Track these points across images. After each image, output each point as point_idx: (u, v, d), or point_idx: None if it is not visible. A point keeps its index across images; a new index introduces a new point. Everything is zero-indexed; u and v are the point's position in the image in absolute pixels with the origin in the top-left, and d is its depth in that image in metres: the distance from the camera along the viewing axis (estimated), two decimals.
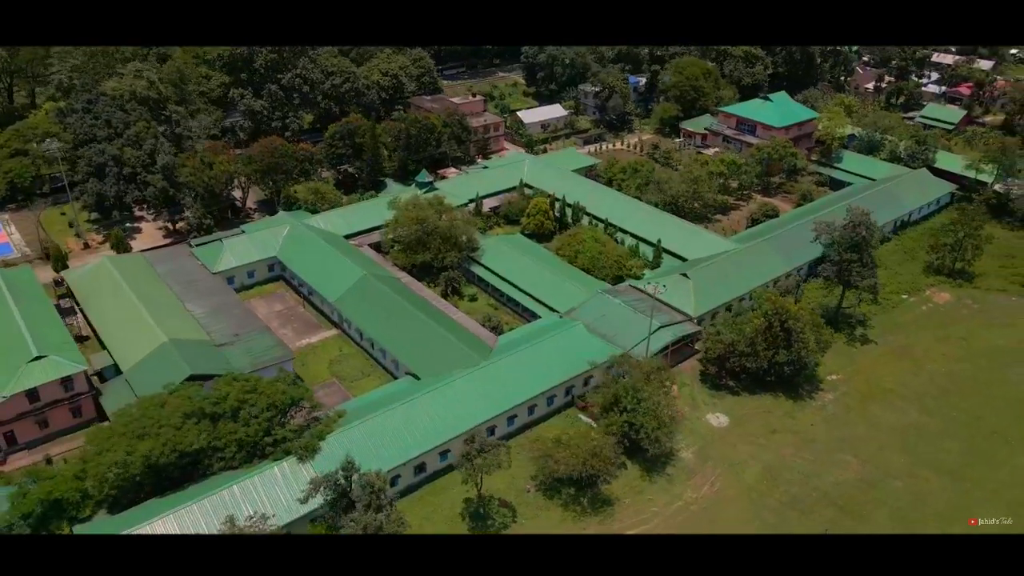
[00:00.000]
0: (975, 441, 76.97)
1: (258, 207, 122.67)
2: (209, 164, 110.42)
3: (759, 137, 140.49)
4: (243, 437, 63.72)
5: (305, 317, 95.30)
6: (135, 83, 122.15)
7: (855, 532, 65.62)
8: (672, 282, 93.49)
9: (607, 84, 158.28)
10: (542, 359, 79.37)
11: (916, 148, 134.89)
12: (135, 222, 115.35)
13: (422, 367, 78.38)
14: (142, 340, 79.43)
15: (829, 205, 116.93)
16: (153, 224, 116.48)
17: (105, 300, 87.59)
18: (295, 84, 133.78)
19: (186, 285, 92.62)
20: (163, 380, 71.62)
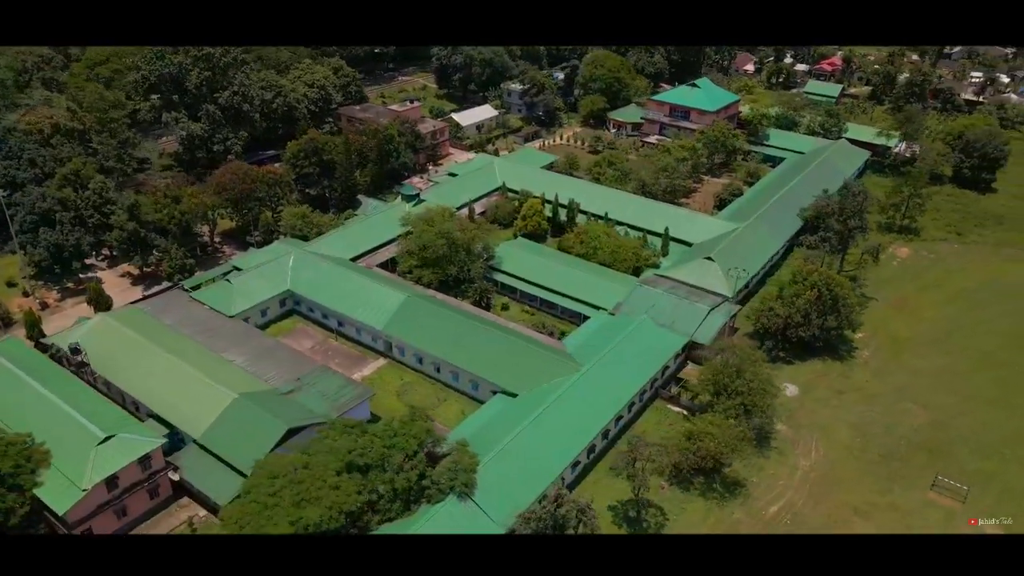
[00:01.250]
0: (998, 372, 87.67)
1: (222, 240, 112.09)
2: (175, 198, 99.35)
3: (694, 122, 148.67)
4: (400, 485, 59.21)
5: (343, 350, 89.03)
6: (56, 114, 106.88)
7: (948, 471, 72.73)
8: (699, 266, 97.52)
9: (537, 81, 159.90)
10: (628, 357, 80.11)
11: (829, 122, 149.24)
12: (85, 271, 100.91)
13: (514, 383, 76.36)
14: (203, 400, 70.73)
15: (783, 180, 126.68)
16: (112, 272, 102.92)
17: (127, 362, 76.71)
18: (234, 102, 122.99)
19: (209, 334, 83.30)
20: (253, 440, 65.41)
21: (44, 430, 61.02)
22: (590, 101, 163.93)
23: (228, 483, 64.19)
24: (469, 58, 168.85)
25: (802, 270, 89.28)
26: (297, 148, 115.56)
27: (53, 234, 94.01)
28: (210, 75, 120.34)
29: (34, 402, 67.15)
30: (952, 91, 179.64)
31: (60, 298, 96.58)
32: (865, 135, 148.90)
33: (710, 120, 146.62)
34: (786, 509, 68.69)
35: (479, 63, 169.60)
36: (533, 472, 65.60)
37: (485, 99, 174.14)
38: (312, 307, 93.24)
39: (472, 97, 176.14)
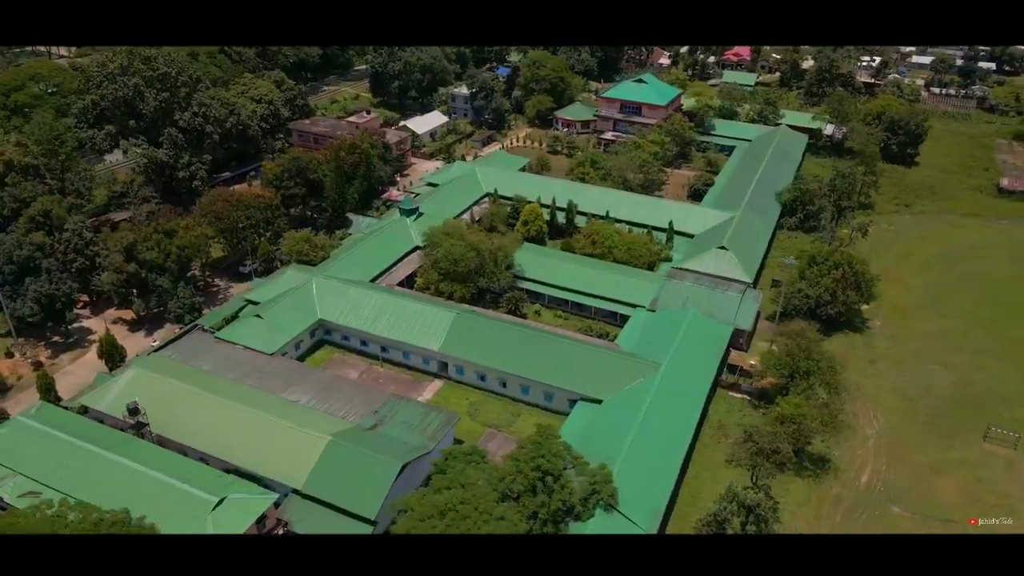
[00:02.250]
0: (989, 328, 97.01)
1: (211, 272, 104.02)
2: (167, 233, 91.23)
3: (646, 117, 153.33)
4: (555, 507, 57.94)
5: (392, 376, 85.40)
6: (4, 149, 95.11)
7: (984, 422, 79.98)
8: (715, 256, 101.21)
9: (486, 85, 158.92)
10: (691, 351, 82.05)
11: (768, 109, 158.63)
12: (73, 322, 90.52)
13: (596, 389, 76.42)
14: (293, 447, 66.05)
15: (745, 167, 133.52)
16: (99, 320, 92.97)
17: (186, 415, 69.93)
18: (195, 124, 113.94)
19: (258, 375, 77.53)
20: (366, 482, 62.77)
21: (140, 502, 54.80)
22: (537, 101, 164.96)
23: (350, 531, 60.43)
24: (408, 64, 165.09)
25: (821, 251, 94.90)
26: (279, 168, 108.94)
27: (41, 284, 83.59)
28: (168, 95, 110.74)
29: (115, 472, 60.11)
30: (851, 75, 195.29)
31: (52, 355, 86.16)
32: (801, 121, 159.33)
33: (661, 114, 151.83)
34: (874, 477, 73.15)
35: (419, 69, 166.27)
36: (655, 473, 66.20)
37: (424, 106, 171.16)
38: (347, 335, 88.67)
39: (411, 105, 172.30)
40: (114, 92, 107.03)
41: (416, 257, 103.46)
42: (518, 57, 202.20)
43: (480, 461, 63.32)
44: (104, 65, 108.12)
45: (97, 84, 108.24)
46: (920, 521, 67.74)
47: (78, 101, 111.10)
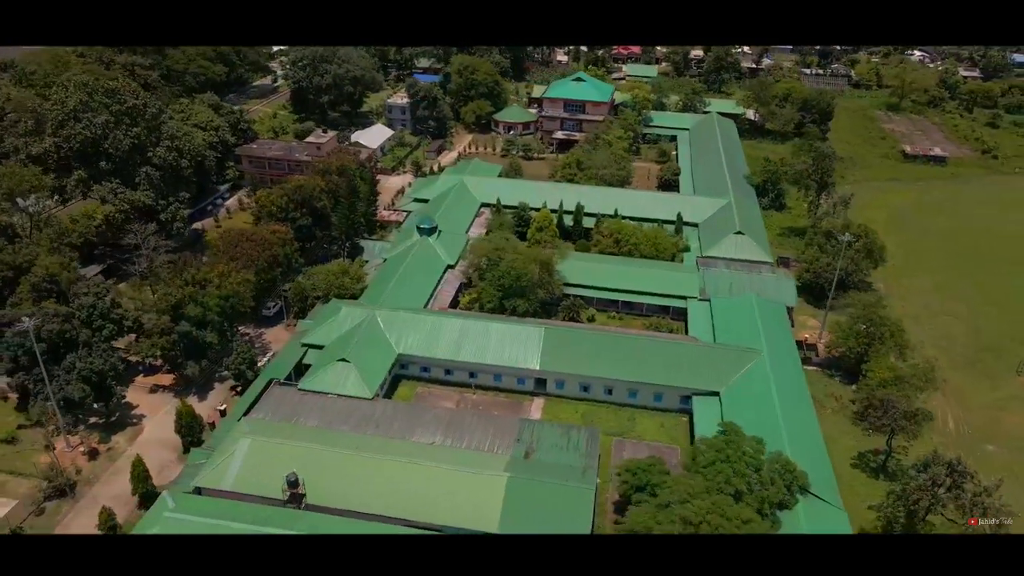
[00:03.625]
0: (972, 279, 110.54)
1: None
2: (200, 284, 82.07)
3: (590, 114, 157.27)
4: (772, 500, 59.73)
5: (492, 401, 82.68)
6: None
7: (1007, 362, 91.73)
8: (734, 241, 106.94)
9: (429, 93, 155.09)
10: (772, 334, 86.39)
11: (695, 99, 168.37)
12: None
13: (710, 383, 78.88)
14: (471, 491, 62.81)
15: (701, 154, 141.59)
16: (138, 390, 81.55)
17: (333, 478, 63.70)
18: (170, 159, 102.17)
19: (376, 423, 72.34)
20: (567, 515, 60.95)
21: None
22: (476, 106, 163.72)
23: None
24: (338, 77, 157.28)
25: (835, 224, 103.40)
26: (282, 199, 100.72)
27: (90, 359, 72.06)
28: (139, 131, 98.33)
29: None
30: (738, 61, 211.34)
31: (101, 438, 74.64)
32: (725, 107, 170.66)
33: (604, 110, 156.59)
34: (959, 422, 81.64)
35: (349, 81, 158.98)
36: (808, 452, 69.58)
37: (354, 120, 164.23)
38: (427, 366, 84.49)
39: (339, 120, 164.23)
40: (81, 132, 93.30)
41: (453, 276, 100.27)
42: (428, 62, 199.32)
43: (664, 471, 63.87)
44: (62, 103, 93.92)
45: (58, 124, 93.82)
46: (1015, 455, 76.68)
47: (35, 144, 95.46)
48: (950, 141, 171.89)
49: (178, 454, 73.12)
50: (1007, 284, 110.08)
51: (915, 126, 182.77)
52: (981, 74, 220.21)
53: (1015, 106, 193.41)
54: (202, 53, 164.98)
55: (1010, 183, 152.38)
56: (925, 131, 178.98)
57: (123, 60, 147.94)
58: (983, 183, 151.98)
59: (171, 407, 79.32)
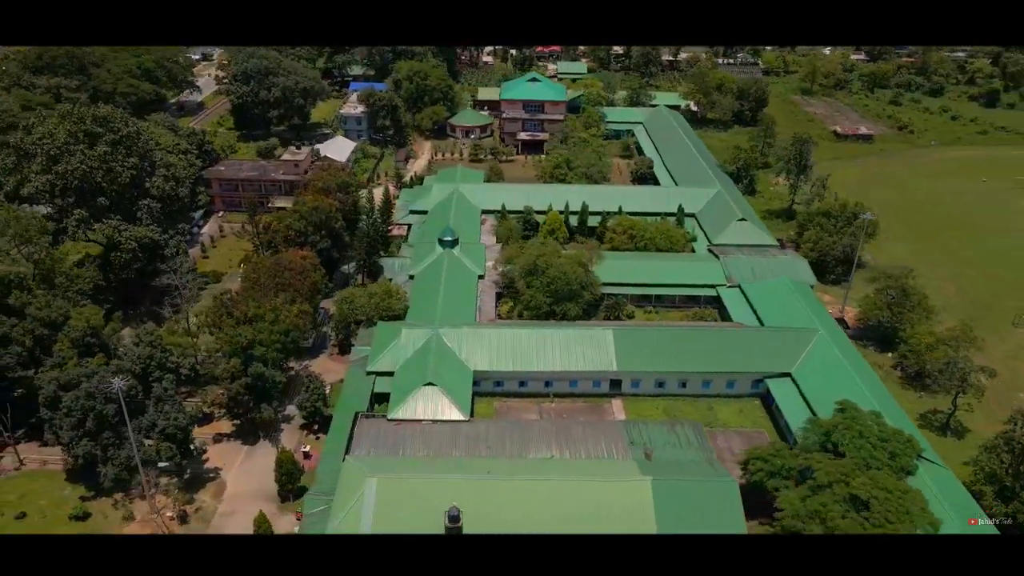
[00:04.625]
0: (949, 246, 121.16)
1: None
2: (253, 319, 76.75)
3: (548, 113, 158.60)
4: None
5: (571, 407, 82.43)
6: None
7: (997, 317, 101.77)
8: (738, 228, 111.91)
9: (388, 102, 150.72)
10: (813, 312, 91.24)
11: (641, 93, 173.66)
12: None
13: (781, 364, 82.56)
14: (619, 501, 62.67)
15: (668, 146, 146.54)
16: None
17: (476, 510, 61.52)
18: (168, 188, 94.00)
19: (484, 444, 70.77)
20: (714, 512, 62.87)
21: None
22: (432, 112, 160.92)
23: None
24: (287, 90, 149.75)
25: (831, 205, 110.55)
26: (302, 222, 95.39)
27: (171, 415, 65.48)
28: (136, 160, 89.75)
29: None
30: (659, 56, 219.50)
31: (189, 498, 68.06)
32: (669, 99, 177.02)
33: (563, 109, 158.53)
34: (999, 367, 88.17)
35: (299, 93, 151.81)
36: (895, 418, 74.24)
37: (298, 133, 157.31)
38: (500, 380, 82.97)
39: (285, 133, 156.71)
40: (79, 166, 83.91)
41: (486, 287, 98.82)
42: (361, 70, 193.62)
43: (788, 455, 66.37)
44: (51, 136, 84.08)
45: (51, 159, 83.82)
46: None
47: (30, 181, 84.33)
48: (866, 120, 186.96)
49: (277, 504, 68.09)
50: (972, 247, 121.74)
51: (832, 108, 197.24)
52: (867, 57, 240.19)
53: (905, 84, 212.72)
54: (128, 71, 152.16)
55: (930, 155, 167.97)
56: (842, 112, 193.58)
57: (46, 83, 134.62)
58: (908, 156, 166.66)
59: (246, 455, 74.01)
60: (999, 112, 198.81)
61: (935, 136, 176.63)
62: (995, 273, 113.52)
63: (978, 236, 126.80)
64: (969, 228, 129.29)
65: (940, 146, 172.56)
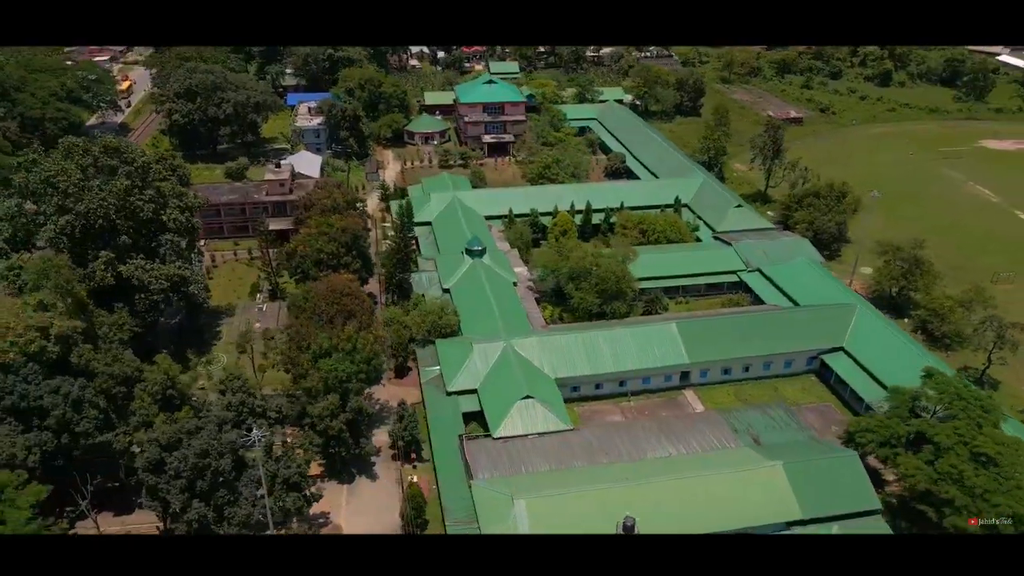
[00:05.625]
0: (913, 214, 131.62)
1: None
2: (323, 353, 72.71)
3: (509, 115, 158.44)
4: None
5: (650, 403, 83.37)
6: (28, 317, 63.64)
7: (972, 276, 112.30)
8: (737, 214, 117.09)
9: (356, 111, 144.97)
10: (841, 289, 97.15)
11: (590, 90, 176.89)
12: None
13: (831, 339, 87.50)
14: (759, 488, 64.66)
15: (634, 140, 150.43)
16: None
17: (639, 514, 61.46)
18: (185, 220, 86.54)
19: (601, 451, 70.52)
20: (847, 486, 66.77)
21: None
22: (390, 119, 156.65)
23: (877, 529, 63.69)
24: (239, 105, 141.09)
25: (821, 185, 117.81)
26: (334, 244, 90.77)
27: (288, 463, 60.75)
28: (154, 193, 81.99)
29: None
30: (580, 51, 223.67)
31: None
32: (613, 94, 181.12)
33: (522, 110, 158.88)
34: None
35: (252, 107, 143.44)
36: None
37: (249, 148, 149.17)
38: (577, 385, 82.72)
39: (232, 151, 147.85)
40: (103, 204, 75.49)
41: (523, 293, 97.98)
42: (294, 82, 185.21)
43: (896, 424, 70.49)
44: (64, 172, 75.10)
45: (71, 196, 74.72)
46: None
47: (43, 230, 74.32)
48: (789, 104, 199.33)
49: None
50: (926, 215, 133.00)
51: (753, 95, 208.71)
52: (765, 44, 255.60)
53: (807, 69, 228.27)
54: (53, 93, 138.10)
55: (855, 133, 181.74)
56: (764, 98, 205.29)
57: None
58: (837, 136, 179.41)
59: (348, 494, 70.05)
60: (894, 90, 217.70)
61: (854, 116, 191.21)
62: (956, 237, 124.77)
63: (927, 205, 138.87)
64: (917, 198, 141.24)
65: (861, 124, 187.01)
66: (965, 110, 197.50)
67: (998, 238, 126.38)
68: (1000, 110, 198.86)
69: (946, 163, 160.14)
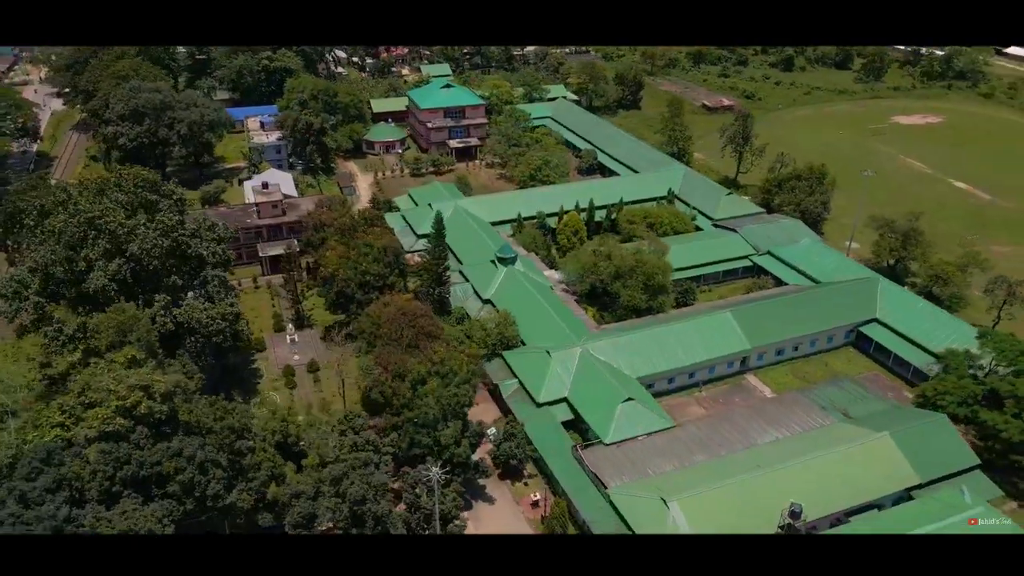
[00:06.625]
0: (858, 183, 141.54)
1: None
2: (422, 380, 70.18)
3: (469, 118, 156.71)
4: None
5: (719, 391, 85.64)
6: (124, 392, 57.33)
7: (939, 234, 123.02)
8: (730, 201, 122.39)
9: (315, 126, 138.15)
10: (849, 263, 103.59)
11: (538, 88, 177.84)
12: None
13: (866, 312, 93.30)
14: (872, 462, 68.28)
15: (600, 136, 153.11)
16: None
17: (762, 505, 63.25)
18: (219, 253, 79.92)
19: (715, 442, 71.98)
20: (945, 449, 71.68)
21: None
22: (350, 130, 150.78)
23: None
24: (193, 125, 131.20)
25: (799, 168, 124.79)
26: (378, 264, 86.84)
27: (445, 495, 57.80)
28: (193, 227, 75.16)
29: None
30: (509, 50, 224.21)
31: None
32: (557, 91, 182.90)
33: (482, 112, 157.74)
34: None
35: (207, 126, 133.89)
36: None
37: (202, 170, 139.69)
38: (651, 382, 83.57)
39: (180, 173, 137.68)
40: (156, 244, 68.11)
41: (562, 295, 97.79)
42: (226, 95, 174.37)
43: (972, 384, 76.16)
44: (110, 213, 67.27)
45: (119, 237, 66.76)
46: None
47: (92, 276, 65.26)
48: (716, 92, 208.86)
49: None
50: (877, 189, 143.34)
51: (678, 85, 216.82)
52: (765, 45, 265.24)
53: (717, 58, 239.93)
54: None
55: (783, 116, 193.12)
56: (690, 88, 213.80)
57: None
58: (766, 120, 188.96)
59: (472, 519, 67.53)
60: (796, 74, 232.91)
61: (778, 101, 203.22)
62: (910, 207, 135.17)
63: (875, 179, 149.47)
64: (862, 167, 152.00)
65: (785, 108, 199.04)
66: (869, 90, 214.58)
67: (947, 206, 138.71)
68: (897, 88, 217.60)
69: (875, 140, 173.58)
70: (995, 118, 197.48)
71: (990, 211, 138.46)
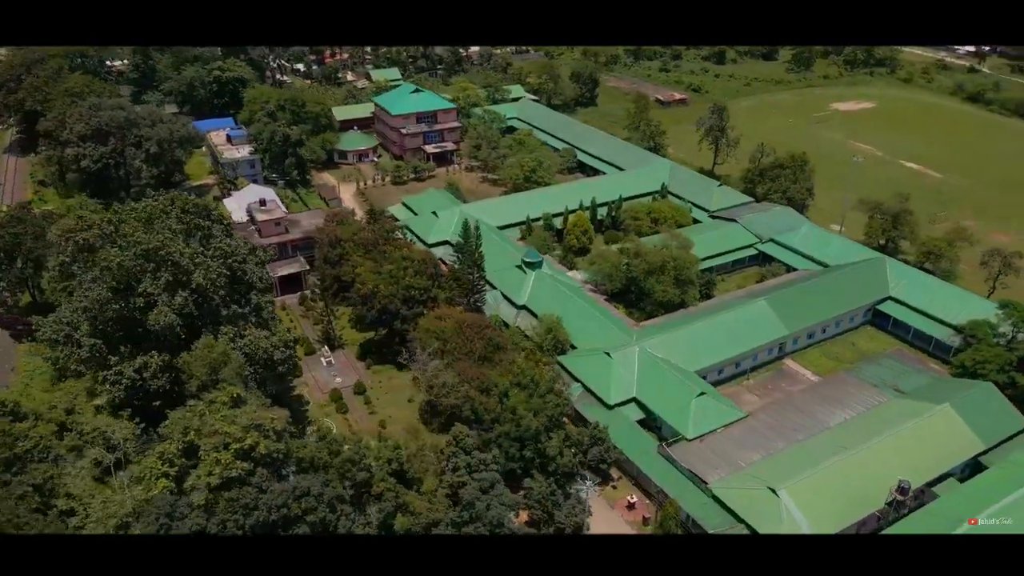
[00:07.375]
0: (826, 169, 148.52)
1: None
2: (506, 393, 69.34)
3: (441, 122, 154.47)
4: None
5: (767, 377, 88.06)
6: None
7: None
8: (722, 192, 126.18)
9: (292, 138, 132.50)
10: (851, 244, 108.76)
11: (500, 89, 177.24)
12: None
13: (883, 291, 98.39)
14: (942, 433, 72.16)
15: (574, 134, 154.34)
16: None
17: (851, 483, 65.83)
18: (261, 276, 75.67)
19: (790, 428, 74.27)
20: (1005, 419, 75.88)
21: None
22: (323, 139, 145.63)
23: None
24: (163, 142, 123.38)
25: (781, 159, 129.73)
26: (420, 278, 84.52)
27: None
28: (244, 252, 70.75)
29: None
30: (456, 52, 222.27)
31: None
32: (517, 92, 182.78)
33: (454, 116, 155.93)
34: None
35: (178, 142, 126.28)
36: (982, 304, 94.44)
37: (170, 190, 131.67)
38: (705, 374, 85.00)
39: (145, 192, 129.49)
40: (221, 273, 63.72)
41: (595, 296, 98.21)
42: (175, 109, 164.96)
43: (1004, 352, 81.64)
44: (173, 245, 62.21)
45: (181, 271, 61.78)
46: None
47: (156, 312, 59.58)
48: (663, 87, 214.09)
49: None
50: (836, 174, 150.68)
51: (627, 81, 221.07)
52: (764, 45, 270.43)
53: (654, 54, 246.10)
54: None
55: (730, 107, 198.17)
56: (638, 83, 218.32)
57: None
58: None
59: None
60: (729, 67, 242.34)
61: (721, 93, 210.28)
62: (872, 189, 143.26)
63: (831, 165, 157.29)
64: (819, 159, 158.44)
65: (731, 99, 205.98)
66: (803, 80, 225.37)
67: (908, 186, 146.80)
68: (827, 77, 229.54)
69: (821, 126, 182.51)
70: (919, 101, 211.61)
71: (945, 188, 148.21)
